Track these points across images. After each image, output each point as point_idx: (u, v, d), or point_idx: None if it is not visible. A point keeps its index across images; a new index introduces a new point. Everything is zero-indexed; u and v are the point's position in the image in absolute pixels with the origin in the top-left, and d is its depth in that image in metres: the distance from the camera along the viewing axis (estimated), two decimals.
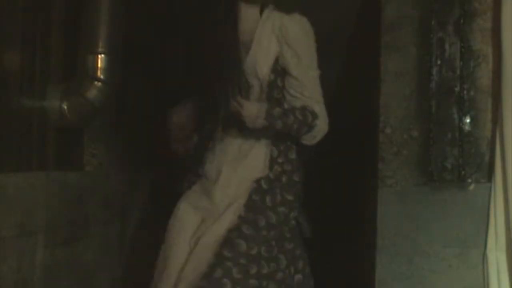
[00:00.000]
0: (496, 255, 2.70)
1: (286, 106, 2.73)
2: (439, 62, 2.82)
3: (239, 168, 2.74)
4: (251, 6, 2.76)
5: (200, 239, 2.66)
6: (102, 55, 2.91)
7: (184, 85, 3.10)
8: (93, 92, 2.93)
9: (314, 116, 2.70)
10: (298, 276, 2.73)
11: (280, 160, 2.76)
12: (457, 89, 2.81)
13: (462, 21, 2.80)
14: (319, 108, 2.72)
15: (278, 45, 2.72)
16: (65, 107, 2.91)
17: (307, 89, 2.72)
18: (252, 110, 2.67)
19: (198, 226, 2.72)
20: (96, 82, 2.92)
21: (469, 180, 2.78)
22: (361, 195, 3.79)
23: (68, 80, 2.97)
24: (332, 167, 4.15)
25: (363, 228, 3.57)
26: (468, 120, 2.80)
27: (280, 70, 2.74)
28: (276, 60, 2.73)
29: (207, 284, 2.54)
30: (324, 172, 3.74)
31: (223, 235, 2.62)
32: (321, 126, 2.73)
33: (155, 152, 3.77)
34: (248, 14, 2.76)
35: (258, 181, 2.71)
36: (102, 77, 2.93)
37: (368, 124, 3.36)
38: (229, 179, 2.74)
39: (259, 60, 2.73)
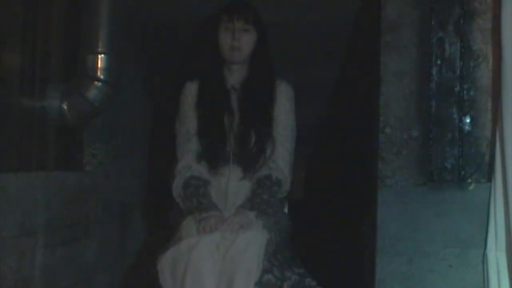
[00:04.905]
0: (496, 255, 2.70)
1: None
2: (439, 62, 2.82)
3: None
4: None
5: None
6: (102, 55, 2.92)
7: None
8: (93, 92, 2.93)
9: (279, 185, 2.76)
10: None
11: None
12: (457, 89, 2.81)
13: (462, 21, 2.80)
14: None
15: None
16: (65, 107, 2.91)
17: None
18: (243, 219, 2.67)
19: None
20: (96, 82, 2.93)
21: (469, 180, 2.78)
22: (361, 195, 3.79)
23: (68, 80, 2.97)
24: (332, 167, 4.15)
25: (363, 228, 3.57)
26: (468, 120, 2.80)
27: None
28: None
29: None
30: (324, 172, 3.74)
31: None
32: (285, 188, 2.80)
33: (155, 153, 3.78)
34: None
35: None
36: (102, 77, 2.93)
37: (368, 124, 3.36)
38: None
39: None
